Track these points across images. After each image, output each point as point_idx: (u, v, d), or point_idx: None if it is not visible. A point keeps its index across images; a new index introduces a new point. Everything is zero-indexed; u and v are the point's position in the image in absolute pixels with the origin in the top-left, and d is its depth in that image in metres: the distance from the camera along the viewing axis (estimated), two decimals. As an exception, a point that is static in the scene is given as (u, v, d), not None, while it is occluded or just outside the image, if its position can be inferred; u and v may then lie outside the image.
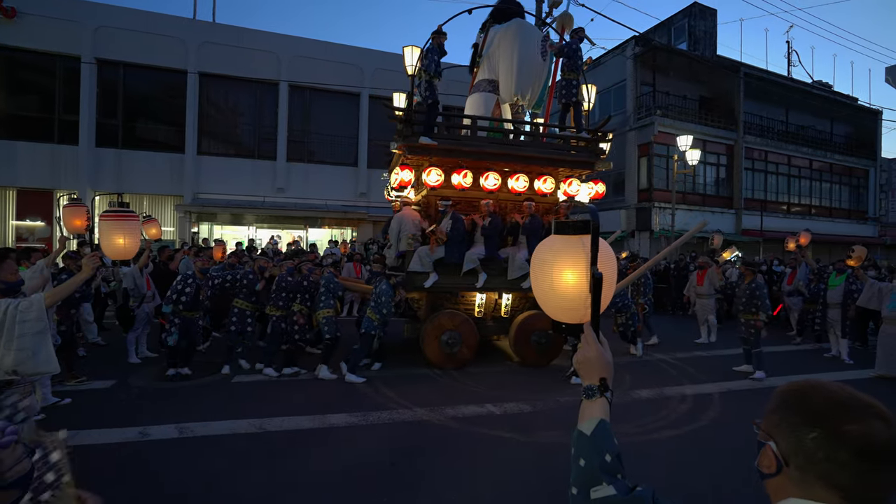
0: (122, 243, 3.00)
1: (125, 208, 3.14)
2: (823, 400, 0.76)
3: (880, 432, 0.70)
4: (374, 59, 17.54)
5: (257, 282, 6.27)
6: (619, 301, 7.08)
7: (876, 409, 0.73)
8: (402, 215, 6.88)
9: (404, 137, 6.52)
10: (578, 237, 1.09)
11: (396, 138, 6.79)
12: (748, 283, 6.45)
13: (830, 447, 0.72)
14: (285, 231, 16.54)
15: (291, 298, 6.01)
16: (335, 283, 6.18)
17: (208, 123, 16.23)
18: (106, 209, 3.13)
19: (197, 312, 5.83)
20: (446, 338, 6.27)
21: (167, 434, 4.05)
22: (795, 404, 0.78)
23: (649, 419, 4.70)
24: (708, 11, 19.69)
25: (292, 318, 5.99)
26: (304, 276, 6.10)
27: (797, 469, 0.75)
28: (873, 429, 0.71)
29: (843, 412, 0.73)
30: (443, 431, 4.31)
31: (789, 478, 0.76)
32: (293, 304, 6.00)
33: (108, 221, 3.01)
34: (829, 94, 23.61)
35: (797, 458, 0.75)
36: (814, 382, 0.80)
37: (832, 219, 22.02)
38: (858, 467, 0.70)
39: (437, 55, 6.61)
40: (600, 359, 0.97)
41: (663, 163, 17.53)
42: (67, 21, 14.23)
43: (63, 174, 14.60)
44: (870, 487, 0.71)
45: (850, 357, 7.32)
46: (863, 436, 0.70)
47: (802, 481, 0.75)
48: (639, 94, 18.41)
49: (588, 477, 0.85)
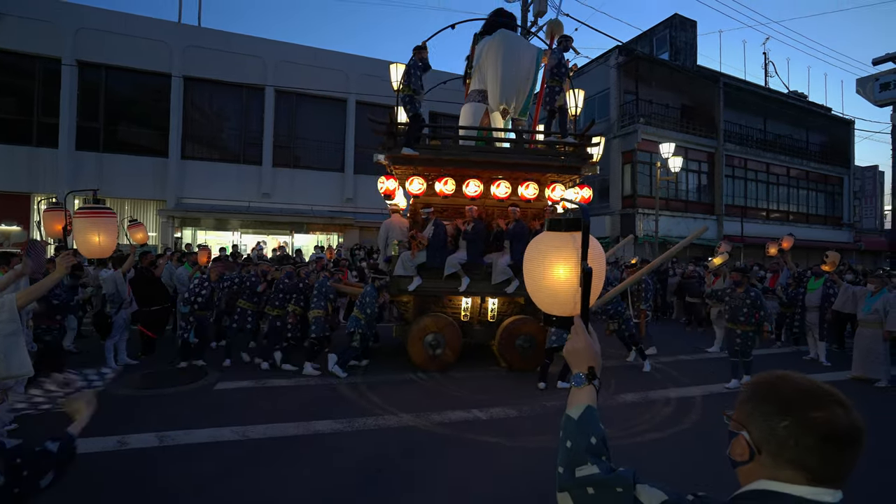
0: (97, 241, 2.90)
1: (101, 205, 3.04)
2: (792, 390, 0.81)
3: (842, 418, 0.77)
4: (361, 64, 17.56)
5: (259, 284, 6.81)
6: (610, 308, 6.88)
7: (836, 396, 0.79)
8: (390, 222, 7.23)
9: (388, 149, 6.79)
10: (570, 234, 1.14)
11: (380, 149, 7.02)
12: (743, 292, 6.01)
13: (800, 433, 0.77)
14: (270, 236, 16.38)
15: (287, 299, 6.52)
16: (327, 287, 6.61)
17: (193, 127, 16.03)
18: (81, 206, 3.03)
19: (209, 311, 6.52)
20: (430, 339, 6.41)
21: (147, 443, 3.95)
22: (767, 395, 0.83)
23: (634, 422, 4.75)
24: (688, 23, 20.21)
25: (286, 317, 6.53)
26: (300, 279, 6.68)
27: (769, 455, 0.80)
28: (836, 415, 0.77)
29: (810, 400, 0.79)
30: (429, 437, 4.30)
31: (761, 464, 0.81)
32: (289, 304, 6.51)
33: (83, 219, 2.91)
34: (805, 104, 24.38)
35: (769, 445, 0.80)
36: (781, 374, 0.85)
37: (809, 225, 22.64)
38: (824, 450, 0.76)
39: (420, 70, 6.89)
40: (589, 349, 1.03)
41: (647, 170, 17.86)
42: (46, 22, 13.96)
43: (41, 177, 14.25)
44: (832, 468, 0.77)
45: (827, 359, 7.51)
46: (827, 422, 0.76)
47: (773, 466, 0.80)
48: (622, 103, 18.76)
49: (574, 457, 0.89)
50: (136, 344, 6.84)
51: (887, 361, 6.34)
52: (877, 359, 6.34)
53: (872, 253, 25.12)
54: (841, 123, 25.09)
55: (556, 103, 7.16)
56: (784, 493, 0.77)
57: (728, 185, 20.16)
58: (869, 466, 3.71)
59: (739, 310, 5.98)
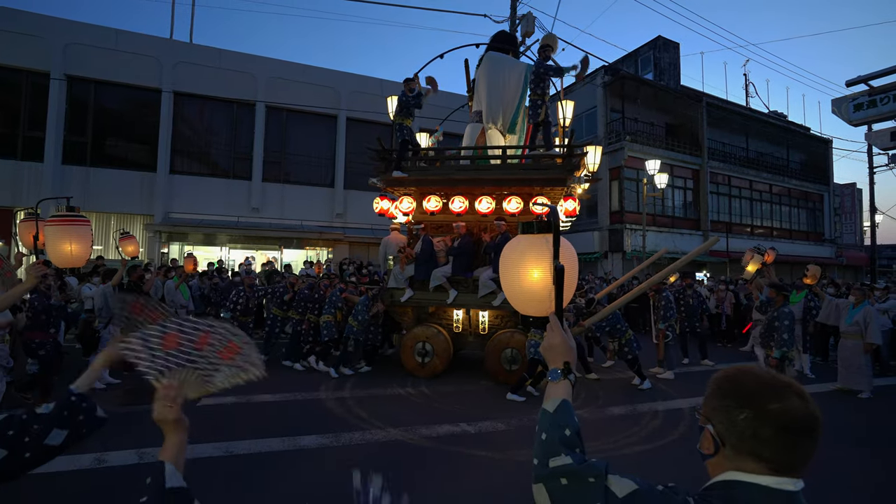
0: (69, 250, 2.77)
1: (74, 213, 2.93)
2: (752, 383, 0.84)
3: (799, 408, 0.79)
4: (351, 82, 17.77)
5: (286, 293, 7.69)
6: (605, 325, 6.62)
7: (793, 387, 0.82)
8: (388, 238, 7.93)
9: (381, 172, 7.48)
10: (542, 236, 1.18)
11: (374, 173, 7.71)
12: (778, 308, 5.48)
13: (758, 425, 0.79)
14: (259, 252, 16.25)
15: (306, 307, 7.45)
16: (337, 296, 7.40)
17: (182, 142, 16.00)
18: (53, 214, 2.93)
19: (249, 317, 7.73)
20: (419, 348, 6.73)
21: (126, 460, 3.85)
22: (729, 388, 0.86)
23: (621, 435, 4.74)
24: (671, 45, 20.85)
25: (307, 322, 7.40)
26: (317, 290, 7.61)
27: (731, 447, 0.82)
28: (793, 405, 0.79)
29: (768, 392, 0.81)
30: (417, 451, 4.24)
31: (725, 456, 0.83)
32: (308, 312, 7.43)
33: (54, 227, 2.79)
34: (784, 123, 25.16)
35: (731, 437, 0.82)
36: (743, 368, 0.88)
37: (792, 240, 23.11)
38: (781, 440, 0.78)
39: (410, 100, 7.54)
40: (564, 344, 1.05)
41: (633, 186, 18.18)
42: (36, 37, 13.96)
43: (25, 191, 14.04)
44: (790, 457, 0.79)
45: (812, 371, 7.59)
46: (785, 412, 0.78)
47: (736, 457, 0.82)
48: (609, 121, 19.18)
49: (548, 448, 0.91)
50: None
51: (869, 373, 6.44)
52: (859, 370, 6.42)
53: (854, 268, 25.67)
54: (819, 142, 25.88)
55: (538, 117, 7.27)
56: (748, 483, 0.79)
57: (713, 201, 20.57)
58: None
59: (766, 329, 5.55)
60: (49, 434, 1.03)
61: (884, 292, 8.85)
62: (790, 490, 0.79)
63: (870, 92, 15.67)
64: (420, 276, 6.95)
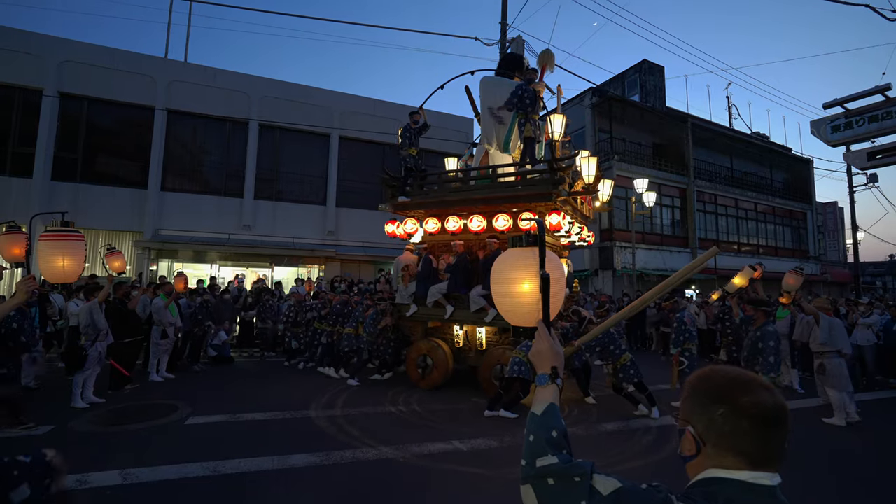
0: (61, 265, 2.73)
1: (68, 228, 2.92)
2: (723, 380, 0.88)
3: (768, 400, 0.83)
4: (344, 101, 18.00)
5: (323, 309, 8.79)
6: (595, 345, 6.09)
7: (760, 381, 0.87)
8: (400, 257, 8.34)
9: (389, 198, 8.18)
10: (530, 249, 1.23)
11: (384, 199, 8.47)
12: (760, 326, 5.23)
13: (735, 419, 0.83)
14: (250, 269, 16.13)
15: (336, 321, 8.43)
16: (359, 311, 8.04)
17: (174, 159, 15.97)
18: (47, 228, 2.90)
19: (299, 328, 9.16)
20: (420, 360, 7.12)
21: (109, 481, 3.74)
22: (702, 388, 0.90)
23: (615, 451, 4.73)
24: (656, 68, 21.49)
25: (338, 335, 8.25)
26: (346, 305, 8.54)
27: (712, 445, 0.85)
28: (762, 397, 0.83)
29: (739, 387, 0.85)
30: (408, 469, 4.19)
31: (706, 455, 0.86)
32: (336, 326, 8.38)
33: (47, 242, 2.76)
34: (767, 144, 25.87)
35: (710, 435, 0.85)
36: (713, 367, 0.93)
37: (778, 257, 23.51)
38: (756, 432, 0.82)
39: (414, 131, 8.23)
40: (551, 350, 1.10)
41: (623, 204, 18.46)
42: (29, 55, 14.01)
43: (13, 207, 13.86)
44: (765, 449, 0.82)
45: (801, 386, 7.65)
46: (757, 404, 0.82)
47: (717, 455, 0.85)
48: (597, 140, 19.58)
49: (536, 449, 0.93)
50: (103, 380, 6.55)
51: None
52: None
53: (839, 284, 26.10)
54: (801, 162, 26.60)
55: (522, 134, 7.45)
56: (728, 479, 0.82)
57: (700, 219, 20.94)
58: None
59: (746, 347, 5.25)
60: (18, 487, 1.02)
61: (868, 307, 9.02)
62: (767, 484, 0.82)
63: (846, 114, 16.21)
64: (420, 292, 7.30)
